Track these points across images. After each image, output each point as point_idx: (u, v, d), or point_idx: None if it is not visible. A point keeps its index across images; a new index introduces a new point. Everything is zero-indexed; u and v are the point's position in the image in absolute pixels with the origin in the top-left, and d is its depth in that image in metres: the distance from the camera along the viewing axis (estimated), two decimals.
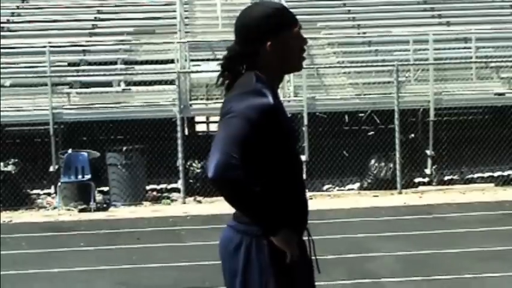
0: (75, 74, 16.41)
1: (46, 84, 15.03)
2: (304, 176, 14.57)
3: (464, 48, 16.70)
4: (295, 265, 3.39)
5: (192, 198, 14.08)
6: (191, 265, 8.39)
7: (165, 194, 14.50)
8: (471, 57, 16.19)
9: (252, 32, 3.40)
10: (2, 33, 17.63)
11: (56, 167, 14.40)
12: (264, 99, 3.30)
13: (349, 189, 14.76)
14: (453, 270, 8.06)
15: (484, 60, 16.20)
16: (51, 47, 15.77)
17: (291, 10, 3.54)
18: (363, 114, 15.96)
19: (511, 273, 7.86)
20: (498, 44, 16.76)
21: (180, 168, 14.13)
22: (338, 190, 14.73)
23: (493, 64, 16.09)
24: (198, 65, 16.52)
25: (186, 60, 15.98)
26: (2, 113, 14.69)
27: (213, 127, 16.54)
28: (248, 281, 3.39)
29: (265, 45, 3.38)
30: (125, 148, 14.15)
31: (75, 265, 9.06)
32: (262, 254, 3.36)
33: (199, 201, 13.88)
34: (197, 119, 17.25)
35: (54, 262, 9.30)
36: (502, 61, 16.08)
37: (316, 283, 3.77)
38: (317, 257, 3.66)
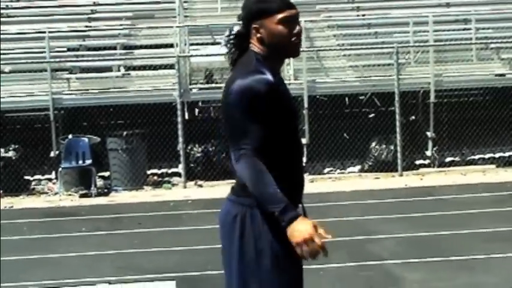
0: (74, 59, 16.40)
1: (46, 70, 15.10)
2: (305, 159, 14.89)
3: (464, 29, 16.68)
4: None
5: (193, 183, 14.09)
6: (192, 249, 8.38)
7: (166, 179, 14.54)
8: (471, 39, 16.14)
9: (246, 13, 3.50)
10: (1, 19, 17.61)
11: (57, 152, 14.44)
12: (257, 78, 3.35)
13: (350, 172, 14.78)
14: (457, 252, 8.06)
15: (484, 41, 16.17)
16: (50, 32, 15.77)
17: None
18: (363, 97, 15.95)
19: None
20: (498, 25, 16.76)
21: (181, 152, 14.14)
22: (339, 173, 14.75)
23: (493, 45, 16.06)
24: (198, 49, 16.50)
25: (185, 44, 15.98)
26: (2, 99, 14.70)
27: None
28: (244, 250, 3.45)
29: (252, 28, 3.46)
30: (125, 133, 14.16)
31: (77, 250, 9.05)
32: (256, 223, 3.43)
33: (200, 186, 13.88)
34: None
35: (55, 247, 9.30)
36: (502, 42, 16.05)
37: (318, 266, 3.74)
38: None
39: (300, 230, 3.29)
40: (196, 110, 16.74)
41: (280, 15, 3.42)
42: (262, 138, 3.33)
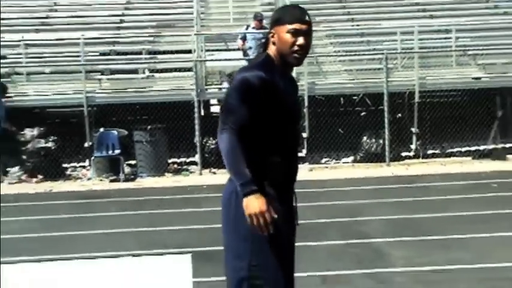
0: (105, 62, 16.46)
1: (80, 72, 15.13)
2: (305, 151, 14.94)
3: (445, 38, 16.68)
4: (277, 213, 3.41)
5: (207, 170, 14.13)
6: (207, 227, 8.39)
7: (184, 167, 14.59)
8: (451, 46, 16.17)
9: (270, 20, 3.60)
10: (41, 27, 17.67)
11: (90, 143, 14.51)
12: (251, 73, 3.42)
13: (344, 162, 14.79)
14: (436, 232, 8.07)
15: (463, 48, 16.18)
16: (84, 39, 15.82)
17: (296, 8, 3.57)
18: (356, 97, 15.96)
19: (489, 234, 7.86)
20: (475, 35, 16.83)
21: (197, 144, 14.21)
22: (335, 163, 14.77)
23: (470, 52, 16.09)
24: (213, 55, 16.56)
25: (202, 50, 16.06)
26: (43, 97, 14.80)
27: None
28: (237, 224, 3.46)
29: (270, 33, 3.54)
30: (149, 127, 14.21)
31: (106, 228, 9.11)
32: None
33: (214, 173, 13.90)
34: (212, 101, 17.27)
35: (88, 225, 9.36)
36: (478, 49, 16.06)
37: (313, 243, 3.75)
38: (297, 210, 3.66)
39: (253, 204, 3.30)
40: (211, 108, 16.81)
41: (290, 26, 3.45)
42: (246, 121, 3.35)
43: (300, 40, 3.46)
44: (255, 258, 3.44)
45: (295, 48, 3.47)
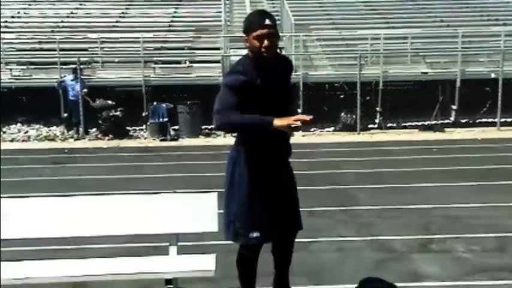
0: (158, 55, 16.35)
1: (140, 62, 15.03)
2: (299, 123, 14.76)
3: (403, 43, 16.46)
4: (270, 171, 3.35)
5: (230, 135, 14.05)
6: None
7: (213, 132, 14.52)
8: (407, 49, 15.98)
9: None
10: (113, 29, 17.58)
11: (146, 113, 14.48)
12: (231, 78, 3.25)
13: (327, 131, 14.71)
14: (392, 182, 8.07)
15: (416, 51, 15.97)
16: (143, 38, 15.73)
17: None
18: (337, 84, 15.82)
19: (431, 184, 7.84)
20: (425, 41, 16.61)
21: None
22: (320, 131, 14.69)
23: (421, 54, 15.89)
24: (235, 51, 16.42)
25: (227, 48, 15.87)
26: (113, 79, 14.77)
27: None
28: (234, 181, 3.40)
29: (244, 39, 3.30)
30: (188, 102, 14.14)
31: (157, 173, 9.14)
32: (242, 163, 3.37)
33: (235, 137, 13.85)
34: None
35: (144, 171, 9.39)
36: (427, 52, 15.88)
37: (303, 187, 3.73)
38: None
39: (281, 120, 3.15)
40: None
41: (254, 34, 3.19)
42: (232, 107, 3.18)
43: (265, 42, 3.16)
44: (242, 208, 3.36)
45: (263, 50, 3.18)
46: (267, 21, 3.18)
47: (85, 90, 14.13)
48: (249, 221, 3.35)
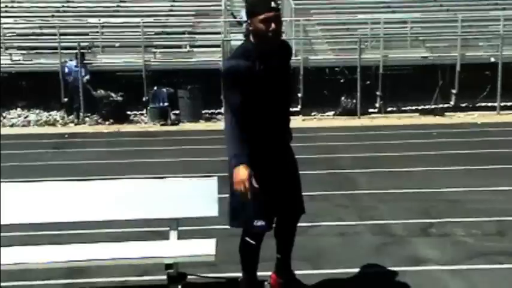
0: (158, 40, 16.25)
1: (140, 46, 14.93)
2: (300, 107, 14.87)
3: (403, 27, 16.33)
4: (270, 157, 3.31)
5: None
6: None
7: (214, 116, 14.49)
8: (407, 33, 15.86)
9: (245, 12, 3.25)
10: (113, 13, 17.46)
11: (147, 97, 14.43)
12: (231, 63, 3.21)
13: (327, 115, 14.67)
14: (391, 166, 8.01)
15: (415, 35, 15.88)
16: (143, 22, 15.61)
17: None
18: (337, 69, 15.74)
19: (431, 168, 7.82)
20: (425, 25, 16.51)
21: (223, 99, 14.03)
22: (321, 116, 14.64)
23: (421, 38, 15.80)
24: (235, 36, 16.30)
25: (228, 32, 15.76)
26: (114, 64, 14.69)
27: None
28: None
29: (248, 23, 3.21)
30: (189, 87, 14.08)
31: (158, 158, 9.11)
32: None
33: None
34: None
35: (144, 156, 9.36)
36: (426, 36, 15.78)
37: (304, 172, 3.70)
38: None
39: (239, 173, 3.12)
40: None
41: (261, 17, 3.10)
42: (239, 103, 3.16)
43: (272, 26, 3.09)
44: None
45: (269, 33, 3.11)
46: (273, 4, 3.12)
47: (87, 77, 14.05)
48: (252, 208, 3.32)
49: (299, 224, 3.66)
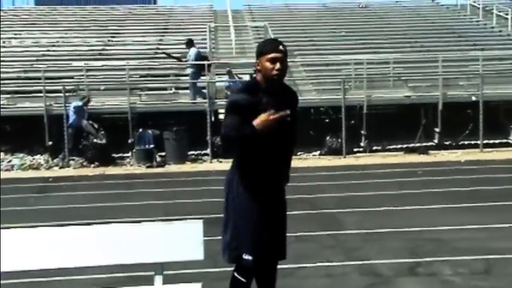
0: (144, 82, 16.34)
1: (126, 89, 14.99)
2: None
3: (386, 68, 16.61)
4: (261, 197, 3.37)
5: (216, 160, 14.01)
6: (215, 200, 8.33)
7: (199, 157, 14.47)
8: (390, 74, 16.12)
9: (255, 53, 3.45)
10: (99, 57, 17.57)
11: (132, 139, 14.38)
12: (236, 96, 3.37)
13: (313, 155, 14.70)
14: (375, 205, 8.00)
15: (398, 75, 16.13)
16: (129, 66, 15.72)
17: (273, 41, 3.54)
18: (322, 109, 15.92)
19: (415, 207, 7.83)
20: (407, 65, 16.79)
21: (209, 141, 14.10)
22: (306, 155, 14.68)
23: (403, 78, 16.04)
24: (220, 77, 16.47)
25: (213, 74, 15.93)
26: (99, 106, 14.69)
27: None
28: (228, 204, 3.46)
29: (256, 63, 3.42)
30: (174, 128, 14.11)
31: (144, 200, 9.03)
32: (236, 187, 3.42)
33: (221, 161, 13.76)
34: (220, 111, 17.22)
35: (129, 199, 9.28)
36: (408, 76, 16.04)
37: (290, 212, 3.69)
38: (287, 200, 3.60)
39: (261, 120, 3.25)
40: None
41: (268, 56, 3.33)
42: (236, 126, 3.26)
43: (277, 65, 3.32)
44: (236, 230, 3.42)
45: (274, 72, 3.32)
46: (281, 48, 3.37)
47: (87, 122, 14.09)
48: (243, 243, 3.38)
49: (286, 266, 3.64)
